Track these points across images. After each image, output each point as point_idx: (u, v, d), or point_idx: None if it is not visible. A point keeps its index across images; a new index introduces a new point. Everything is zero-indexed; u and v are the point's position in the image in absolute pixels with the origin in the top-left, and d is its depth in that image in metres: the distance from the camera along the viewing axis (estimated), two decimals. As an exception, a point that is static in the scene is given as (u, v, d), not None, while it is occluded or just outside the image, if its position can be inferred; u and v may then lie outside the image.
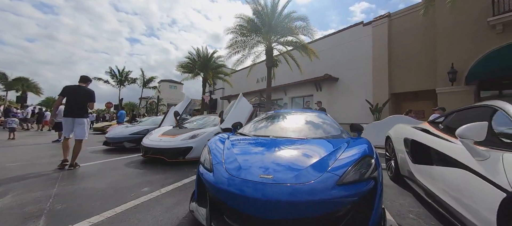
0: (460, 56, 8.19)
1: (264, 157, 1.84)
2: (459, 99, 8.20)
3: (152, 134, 4.91)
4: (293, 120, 3.10)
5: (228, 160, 1.84)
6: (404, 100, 10.93)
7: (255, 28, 10.49)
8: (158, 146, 4.28)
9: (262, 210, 1.40)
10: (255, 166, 1.70)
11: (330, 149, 1.88)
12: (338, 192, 1.40)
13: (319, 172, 1.54)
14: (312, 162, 1.67)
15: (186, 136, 4.51)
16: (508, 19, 7.13)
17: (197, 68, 17.12)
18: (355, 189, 1.44)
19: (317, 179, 1.46)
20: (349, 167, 1.55)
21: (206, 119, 6.16)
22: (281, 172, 1.58)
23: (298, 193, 1.38)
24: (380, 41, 11.11)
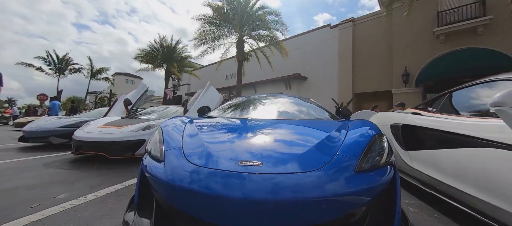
0: (412, 61, 9.10)
1: (244, 141, 1.27)
2: (411, 100, 9.10)
3: (90, 125, 3.79)
4: (273, 103, 2.60)
5: (190, 146, 1.21)
6: (365, 100, 11.73)
7: (226, 18, 9.79)
8: (96, 138, 3.25)
9: (245, 218, 0.83)
10: (232, 152, 1.12)
11: (331, 129, 1.43)
12: (359, 182, 0.93)
13: (327, 155, 1.05)
14: (313, 143, 1.18)
15: (137, 126, 3.58)
16: (449, 30, 8.19)
17: (160, 59, 15.31)
18: (376, 177, 1.00)
19: (328, 164, 0.97)
20: (363, 149, 1.10)
21: (166, 110, 5.22)
22: (272, 158, 1.04)
23: (305, 186, 0.86)
24: (345, 43, 11.71)
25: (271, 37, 10.08)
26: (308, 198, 0.83)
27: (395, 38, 9.81)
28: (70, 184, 2.22)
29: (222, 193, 0.85)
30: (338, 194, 0.87)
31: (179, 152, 1.15)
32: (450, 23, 8.23)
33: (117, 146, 3.25)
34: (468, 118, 1.48)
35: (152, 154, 1.25)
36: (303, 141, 1.28)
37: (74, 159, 3.55)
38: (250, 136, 1.37)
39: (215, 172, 0.94)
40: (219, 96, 5.14)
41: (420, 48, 9.01)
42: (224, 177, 0.92)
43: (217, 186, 0.89)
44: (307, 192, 0.85)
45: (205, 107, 2.64)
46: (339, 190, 0.88)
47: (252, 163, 0.97)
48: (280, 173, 0.91)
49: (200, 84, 20.72)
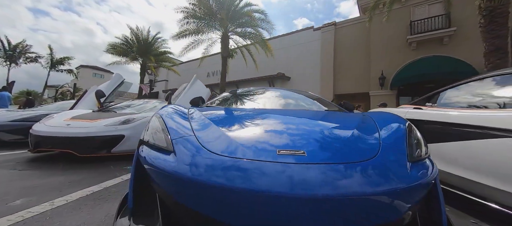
0: (387, 65, 9.75)
1: (270, 129, 1.08)
2: (387, 101, 9.76)
3: (53, 118, 3.21)
4: (276, 93, 2.43)
5: (205, 134, 0.99)
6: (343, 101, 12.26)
7: (210, 12, 9.38)
8: (62, 133, 2.74)
9: (294, 219, 0.65)
10: (262, 141, 0.93)
11: (354, 118, 1.30)
12: (415, 173, 0.81)
13: (371, 144, 0.92)
14: (346, 131, 1.04)
15: (113, 120, 3.12)
16: (420, 38, 8.95)
17: (135, 52, 14.09)
18: (426, 170, 0.89)
19: (379, 153, 0.83)
20: (404, 139, 0.99)
21: (145, 104, 4.71)
22: (314, 146, 0.87)
23: (366, 178, 0.71)
24: (327, 46, 12.11)
25: (257, 35, 9.94)
26: (374, 192, 0.68)
27: (373, 43, 10.41)
28: (29, 188, 1.77)
29: (265, 188, 0.66)
30: (400, 186, 0.73)
31: (193, 140, 0.92)
32: (420, 32, 8.99)
33: (90, 142, 2.78)
34: (484, 110, 1.49)
35: (154, 144, 0.98)
36: (334, 129, 1.14)
37: (32, 158, 2.96)
38: (274, 123, 1.18)
39: (250, 163, 0.74)
40: (207, 90, 4.84)
41: (395, 54, 9.69)
42: (263, 168, 0.72)
43: (256, 180, 0.69)
44: (369, 185, 0.69)
45: (198, 99, 2.37)
46: (402, 181, 0.74)
47: (295, 152, 0.78)
48: (332, 163, 0.75)
49: (179, 80, 19.74)
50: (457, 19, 8.21)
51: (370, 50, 10.55)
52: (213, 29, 10.27)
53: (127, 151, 3.01)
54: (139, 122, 3.22)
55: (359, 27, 11.33)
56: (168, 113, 1.29)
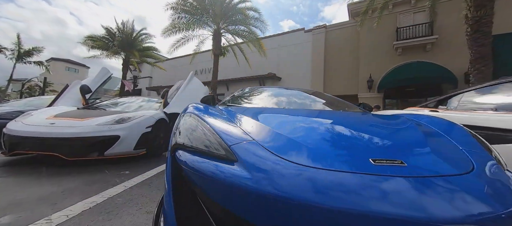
0: (375, 69, 10.14)
1: (337, 134, 0.96)
2: (373, 103, 10.18)
3: (32, 115, 2.78)
4: (296, 93, 2.31)
5: (264, 137, 0.84)
6: (333, 103, 12.58)
7: (203, 7, 9.03)
8: (46, 133, 2.37)
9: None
10: (340, 147, 0.80)
11: (410, 123, 1.21)
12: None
13: (459, 153, 0.83)
14: (424, 139, 0.94)
15: (106, 119, 2.78)
16: (405, 44, 9.43)
17: (117, 46, 13.12)
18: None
19: (476, 165, 0.74)
20: (479, 145, 0.92)
21: (136, 101, 4.35)
22: (404, 154, 0.76)
23: (487, 197, 0.61)
24: (318, 48, 12.31)
25: (250, 33, 9.78)
26: (493, 212, 0.58)
27: (362, 47, 10.78)
28: (15, 201, 1.46)
29: (375, 207, 0.53)
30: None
31: (258, 146, 0.76)
32: (405, 38, 9.49)
33: (80, 143, 2.44)
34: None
35: (204, 150, 0.81)
36: (405, 134, 1.04)
37: (6, 162, 2.54)
38: (336, 127, 1.06)
39: (348, 176, 0.61)
40: (205, 88, 4.59)
41: (382, 58, 10.11)
42: (365, 181, 0.59)
43: (360, 197, 0.56)
44: (499, 203, 0.59)
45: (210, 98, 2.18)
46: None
47: (392, 162, 0.67)
48: (440, 175, 0.64)
49: (165, 78, 18.87)
50: (439, 28, 8.78)
51: (359, 54, 10.90)
52: (205, 25, 9.91)
53: (122, 153, 2.71)
54: (136, 121, 2.92)
55: (349, 31, 11.68)
56: (203, 112, 1.11)
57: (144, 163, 2.81)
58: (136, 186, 1.89)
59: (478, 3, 4.79)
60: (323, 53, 12.15)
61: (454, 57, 8.52)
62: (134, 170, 2.44)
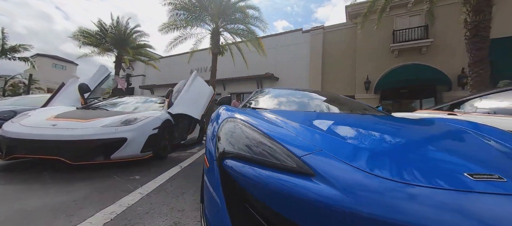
0: (372, 70, 10.31)
1: (402, 142, 0.90)
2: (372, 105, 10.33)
3: (30, 116, 2.58)
4: (317, 96, 2.26)
5: (332, 147, 0.77)
6: (330, 103, 12.70)
7: (202, 5, 8.84)
8: (50, 136, 2.19)
9: None
10: (413, 158, 0.74)
11: (460, 130, 1.17)
12: None
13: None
14: (491, 146, 0.90)
15: (112, 120, 2.63)
16: (401, 47, 9.63)
17: (109, 42, 12.64)
18: None
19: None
20: None
21: (137, 100, 4.16)
22: (494, 166, 0.71)
23: None
24: (316, 48, 12.38)
25: (250, 32, 9.68)
26: None
27: (359, 48, 10.93)
28: (23, 211, 1.32)
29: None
30: None
31: (333, 158, 0.69)
32: (401, 41, 9.69)
33: (85, 146, 2.28)
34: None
35: (272, 162, 0.73)
36: (468, 143, 0.99)
37: (2, 167, 2.34)
38: (394, 135, 1.00)
39: (449, 195, 0.55)
40: (209, 88, 4.47)
41: (379, 60, 10.29)
42: (468, 201, 0.53)
43: (470, 222, 0.50)
44: None
45: (227, 98, 2.10)
46: None
47: (490, 177, 0.61)
48: None
49: (158, 76, 18.42)
50: (434, 32, 9.02)
51: (356, 55, 11.04)
52: (203, 24, 9.73)
53: (129, 156, 2.57)
54: (143, 123, 2.77)
55: (346, 32, 11.81)
56: (247, 117, 1.03)
57: (151, 166, 2.68)
58: (153, 193, 1.78)
59: (476, 8, 4.93)
60: (321, 54, 12.23)
61: (448, 60, 8.78)
62: (144, 175, 2.31)
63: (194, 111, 3.77)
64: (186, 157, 3.53)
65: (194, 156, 3.70)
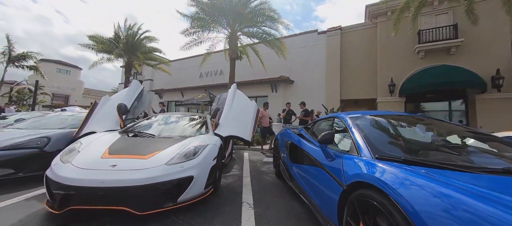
0: (395, 72, 9.89)
1: None
2: (394, 108, 9.92)
3: (78, 152, 2.21)
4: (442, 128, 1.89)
5: None
6: (347, 107, 12.27)
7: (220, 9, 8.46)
8: (110, 182, 1.83)
9: None
10: None
11: None
12: None
13: None
14: None
15: (173, 153, 2.27)
16: (428, 47, 9.20)
17: (121, 49, 12.29)
18: None
19: None
20: None
21: (181, 119, 3.79)
22: None
23: None
24: (333, 50, 11.96)
25: (270, 35, 9.29)
26: None
27: (380, 50, 10.50)
28: None
29: None
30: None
31: None
32: (428, 41, 9.25)
33: (153, 191, 1.92)
34: None
35: None
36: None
37: (47, 215, 1.97)
38: None
39: None
40: (253, 103, 4.08)
41: (402, 61, 9.87)
42: None
43: None
44: None
45: (331, 135, 1.75)
46: None
47: None
48: None
49: (167, 80, 18.06)
50: (464, 31, 8.58)
51: (377, 57, 10.62)
52: (220, 28, 9.35)
53: (195, 196, 2.22)
54: (204, 154, 2.42)
55: (366, 33, 11.39)
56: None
57: (212, 205, 2.32)
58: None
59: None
60: (339, 56, 11.81)
61: (480, 61, 8.35)
62: (203, 217, 1.98)
63: (244, 132, 3.40)
64: (238, 186, 3.16)
65: (245, 184, 3.33)
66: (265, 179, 3.60)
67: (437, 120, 2.22)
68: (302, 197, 2.31)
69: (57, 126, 3.92)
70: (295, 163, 2.67)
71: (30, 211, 2.08)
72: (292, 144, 2.94)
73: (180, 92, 17.34)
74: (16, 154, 2.84)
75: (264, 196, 2.73)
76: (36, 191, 2.62)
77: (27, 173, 2.89)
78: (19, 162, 2.85)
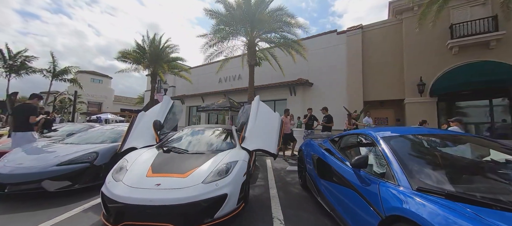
0: (425, 71, 9.24)
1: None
2: (424, 109, 9.26)
3: (127, 170, 2.49)
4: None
5: None
6: (371, 108, 11.73)
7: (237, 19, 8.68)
8: (156, 200, 2.04)
9: None
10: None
11: None
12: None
13: None
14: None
15: (207, 170, 2.45)
16: (462, 43, 8.45)
17: (147, 60, 13.24)
18: None
19: None
20: None
21: (208, 133, 4.02)
22: None
23: None
24: (354, 50, 11.55)
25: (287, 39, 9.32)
26: None
27: (407, 47, 9.90)
28: None
29: None
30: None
31: None
32: (463, 36, 8.50)
33: (193, 209, 2.11)
34: None
35: None
36: None
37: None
38: None
39: None
40: (277, 115, 4.15)
41: (432, 59, 9.20)
42: None
43: None
44: None
45: (362, 160, 1.76)
46: None
47: None
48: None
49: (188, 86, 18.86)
50: (506, 22, 7.73)
51: (403, 55, 10.03)
52: (238, 36, 9.59)
53: (229, 212, 2.35)
54: (236, 171, 2.56)
55: (390, 30, 10.83)
56: None
57: (236, 219, 2.44)
58: None
59: None
60: (361, 55, 11.37)
61: (528, 55, 7.47)
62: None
63: (269, 144, 3.49)
64: (266, 199, 3.25)
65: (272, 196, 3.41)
66: (292, 191, 3.65)
67: (478, 137, 2.09)
68: (333, 215, 2.33)
69: (99, 140, 4.39)
70: (324, 178, 2.69)
71: (89, 222, 2.39)
72: (319, 158, 2.96)
73: (201, 98, 18.00)
74: (72, 168, 3.26)
75: (294, 212, 2.79)
76: (90, 202, 2.99)
77: (81, 184, 3.30)
78: (74, 175, 3.26)
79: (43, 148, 3.68)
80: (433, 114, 9.06)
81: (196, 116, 19.09)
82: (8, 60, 14.56)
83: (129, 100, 43.43)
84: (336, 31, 12.53)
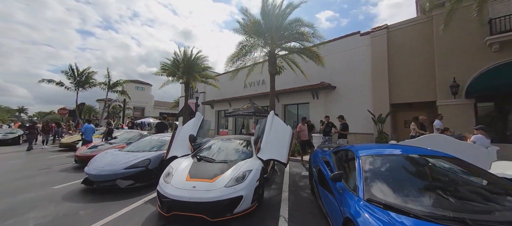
0: (458, 71, 8.60)
1: None
2: (460, 112, 8.62)
3: (173, 176, 3.45)
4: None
5: None
6: (399, 111, 11.26)
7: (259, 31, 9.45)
8: (194, 198, 2.94)
9: None
10: None
11: None
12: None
13: None
14: None
15: (229, 177, 3.26)
16: (505, 38, 7.68)
17: (181, 71, 15.08)
18: None
19: None
20: None
21: (229, 145, 4.88)
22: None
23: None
24: (379, 52, 11.25)
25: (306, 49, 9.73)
26: None
27: (438, 46, 9.31)
28: None
29: None
30: None
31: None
32: (504, 31, 7.73)
33: (219, 206, 2.94)
34: None
35: None
36: None
37: (159, 216, 3.23)
38: None
39: None
40: (288, 128, 4.77)
41: (467, 58, 8.52)
42: None
43: None
44: None
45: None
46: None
47: None
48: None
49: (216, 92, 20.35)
50: (558, 14, 6.83)
51: (434, 54, 9.46)
52: (260, 48, 10.35)
53: (244, 210, 3.12)
54: (250, 178, 3.31)
55: (417, 29, 10.29)
56: None
57: (251, 215, 3.15)
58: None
59: None
60: (386, 57, 11.02)
61: None
62: None
63: (280, 155, 4.16)
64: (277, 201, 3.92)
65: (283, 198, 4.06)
66: (301, 195, 4.25)
67: (450, 157, 2.41)
68: (326, 215, 2.91)
69: (149, 147, 5.64)
70: (321, 185, 3.26)
71: (150, 211, 3.43)
72: (319, 168, 3.53)
73: (228, 103, 19.31)
74: (134, 171, 4.45)
75: (299, 213, 3.41)
76: (148, 196, 4.09)
77: (140, 183, 4.48)
78: (136, 176, 4.45)
79: (114, 156, 5.01)
80: (470, 117, 8.40)
81: (225, 119, 20.54)
82: (76, 76, 18.10)
83: (166, 105, 48.15)
84: (359, 32, 12.31)
